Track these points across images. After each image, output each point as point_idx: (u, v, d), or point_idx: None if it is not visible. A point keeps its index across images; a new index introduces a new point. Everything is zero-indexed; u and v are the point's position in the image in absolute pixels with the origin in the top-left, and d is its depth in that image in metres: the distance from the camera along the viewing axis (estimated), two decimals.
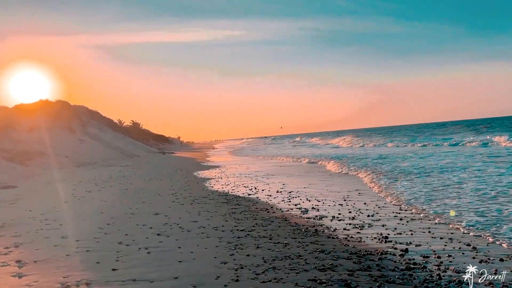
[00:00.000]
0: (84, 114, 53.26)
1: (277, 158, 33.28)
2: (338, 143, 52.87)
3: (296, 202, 11.00)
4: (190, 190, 14.08)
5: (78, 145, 36.07)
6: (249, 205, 10.76)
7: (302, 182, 15.85)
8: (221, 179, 18.26)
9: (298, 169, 22.21)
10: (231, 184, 16.11)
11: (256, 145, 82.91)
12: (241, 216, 9.13)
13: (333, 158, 26.47)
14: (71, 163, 27.25)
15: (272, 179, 17.44)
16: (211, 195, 12.83)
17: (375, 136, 68.26)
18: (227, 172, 22.16)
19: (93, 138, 43.48)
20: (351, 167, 19.56)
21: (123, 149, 44.66)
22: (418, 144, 36.30)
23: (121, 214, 9.40)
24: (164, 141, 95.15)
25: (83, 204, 11.20)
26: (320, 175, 18.10)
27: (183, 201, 11.56)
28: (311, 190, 13.36)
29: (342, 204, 10.45)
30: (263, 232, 7.43)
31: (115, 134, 55.59)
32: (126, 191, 14.13)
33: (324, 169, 21.10)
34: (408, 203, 10.04)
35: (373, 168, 18.30)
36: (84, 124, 47.97)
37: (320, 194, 12.41)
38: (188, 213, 9.56)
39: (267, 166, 25.88)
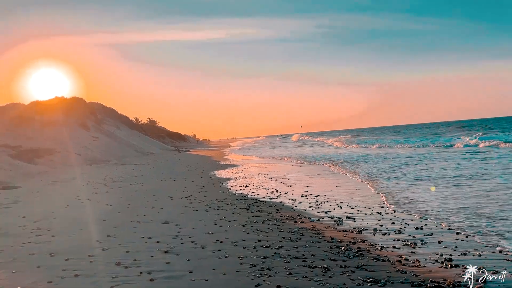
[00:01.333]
0: (100, 111, 52.66)
1: (296, 157, 31.82)
2: (355, 146, 51.07)
3: (326, 209, 9.59)
4: (205, 193, 12.79)
5: (92, 142, 35.24)
6: (272, 212, 9.39)
7: (327, 184, 14.41)
8: (239, 179, 16.94)
9: (320, 169, 20.74)
10: (250, 185, 14.77)
11: (272, 143, 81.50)
12: (265, 226, 7.77)
13: (356, 160, 24.96)
14: (83, 160, 26.31)
15: (294, 180, 16.04)
16: (228, 198, 11.50)
17: (392, 135, 66.12)
18: (245, 171, 20.84)
19: (108, 135, 42.70)
20: (378, 171, 18.02)
21: (138, 146, 43.77)
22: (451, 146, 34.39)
23: (125, 223, 8.14)
24: (180, 139, 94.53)
25: (86, 208, 10.00)
26: (345, 177, 16.62)
27: (197, 205, 10.25)
28: (339, 194, 11.92)
29: (380, 212, 8.99)
30: (294, 251, 6.05)
31: (131, 132, 54.87)
32: (135, 193, 12.92)
33: (348, 170, 19.59)
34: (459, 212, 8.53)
35: (404, 171, 16.74)
36: (99, 121, 47.28)
37: (350, 199, 10.96)
38: (202, 222, 8.24)
39: (286, 165, 24.47)
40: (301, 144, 62.84)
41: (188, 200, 11.14)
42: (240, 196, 12.11)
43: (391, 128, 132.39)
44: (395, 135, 67.13)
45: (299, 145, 57.54)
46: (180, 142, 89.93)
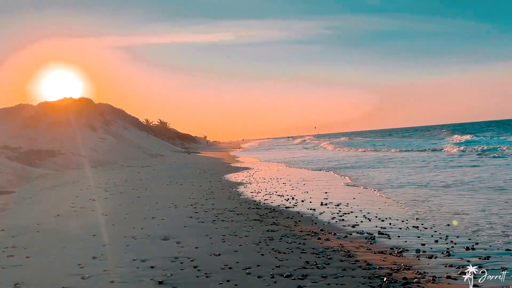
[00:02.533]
0: (108, 112, 51.85)
1: (309, 161, 30.46)
2: (364, 150, 49.46)
3: (352, 221, 8.27)
4: (214, 200, 11.55)
5: (99, 143, 34.31)
6: (290, 224, 8.10)
7: (347, 191, 13.07)
8: (250, 184, 15.66)
9: (336, 175, 19.37)
10: (262, 191, 13.50)
11: (282, 145, 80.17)
12: (283, 245, 6.49)
13: (373, 165, 23.57)
14: (88, 163, 25.28)
15: (310, 185, 14.72)
16: (239, 207, 10.23)
17: (411, 136, 64.31)
18: (256, 175, 19.56)
19: (116, 136, 41.78)
20: (392, 178, 16.61)
21: (147, 148, 42.78)
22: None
23: (118, 238, 6.92)
24: (190, 140, 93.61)
25: (78, 219, 8.82)
26: (361, 183, 15.24)
27: (203, 216, 9.00)
28: (363, 202, 10.58)
29: (417, 226, 7.64)
30: (322, 282, 4.76)
31: (140, 133, 53.96)
32: (137, 199, 11.73)
33: (367, 175, 18.19)
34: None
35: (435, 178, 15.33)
36: (108, 122, 46.42)
37: (378, 208, 9.63)
38: (208, 238, 6.98)
39: (300, 169, 23.13)
40: (302, 146, 61.43)
41: (194, 209, 9.90)
42: (252, 204, 10.84)
43: (402, 130, 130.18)
44: (405, 137, 65.28)
45: (302, 147, 56.15)
46: (190, 144, 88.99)
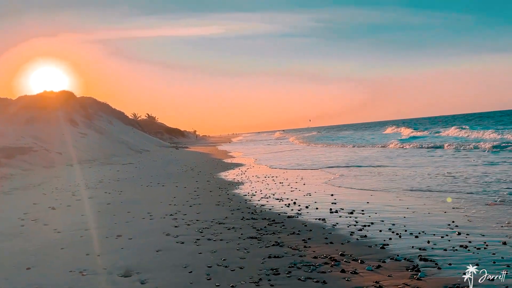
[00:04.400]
0: (91, 106, 49.35)
1: (306, 156, 28.60)
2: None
3: (378, 238, 6.36)
4: (200, 206, 9.57)
5: (79, 139, 31.99)
6: (298, 245, 6.15)
7: (358, 193, 11.18)
8: (242, 185, 13.69)
9: (340, 171, 17.49)
10: (257, 192, 11.56)
11: (273, 139, 78.29)
12: (293, 282, 4.55)
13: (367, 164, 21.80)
14: (64, 160, 23.06)
15: (310, 185, 12.81)
16: (230, 217, 8.26)
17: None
18: (249, 173, 17.60)
19: (99, 131, 39.42)
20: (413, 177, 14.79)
21: (132, 143, 40.50)
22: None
23: (59, 275, 4.92)
24: (178, 135, 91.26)
25: (18, 239, 6.78)
26: (376, 182, 13.38)
27: (184, 232, 7.01)
28: (379, 206, 8.69)
29: (466, 245, 5.75)
30: None
31: (125, 128, 51.55)
32: (106, 207, 9.69)
33: (374, 173, 16.34)
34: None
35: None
36: (90, 116, 43.98)
37: (403, 216, 7.74)
38: (187, 271, 5.00)
39: (295, 164, 21.21)
40: (278, 141, 59.60)
41: (173, 221, 7.90)
42: (246, 211, 8.88)
43: (392, 122, 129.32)
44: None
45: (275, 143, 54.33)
46: (179, 138, 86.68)
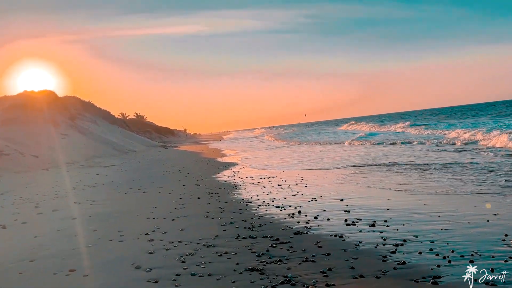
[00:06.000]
0: (75, 106, 47.23)
1: (301, 153, 26.99)
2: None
3: (421, 265, 4.73)
4: (185, 220, 7.86)
5: (59, 141, 29.98)
6: (316, 279, 4.47)
7: (371, 196, 9.56)
8: (235, 188, 11.99)
9: (345, 172, 15.88)
10: (254, 199, 9.88)
11: (262, 136, 76.60)
12: None
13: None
14: (40, 164, 21.13)
15: (313, 187, 11.17)
16: (222, 234, 6.55)
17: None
18: (242, 174, 15.91)
19: (82, 132, 37.36)
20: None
21: (117, 144, 38.50)
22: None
23: None
24: (168, 134, 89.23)
25: None
26: (386, 183, 11.78)
27: (160, 263, 5.29)
28: (404, 214, 7.07)
29: None
30: None
31: (111, 127, 49.46)
32: (70, 224, 7.94)
33: (382, 171, 14.77)
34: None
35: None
36: (73, 117, 41.86)
37: (439, 229, 6.12)
38: None
39: (292, 164, 19.57)
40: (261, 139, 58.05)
41: (148, 244, 6.18)
42: (241, 225, 7.18)
43: (375, 117, 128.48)
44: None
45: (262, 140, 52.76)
46: (169, 137, 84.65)
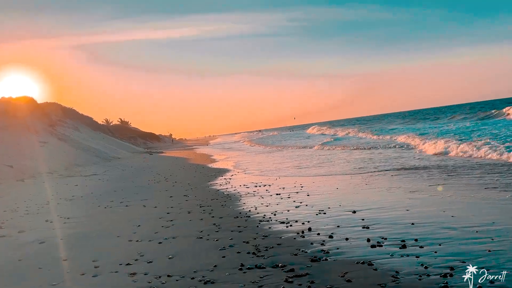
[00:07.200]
0: (56, 112, 45.42)
1: (290, 157, 25.88)
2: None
3: None
4: (174, 241, 6.59)
5: (37, 149, 28.31)
6: None
7: (386, 206, 8.41)
8: (230, 199, 10.73)
9: (345, 178, 14.76)
10: (252, 211, 8.65)
11: (256, 138, 75.47)
12: None
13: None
14: (15, 174, 19.53)
15: (316, 196, 10.00)
16: (220, 263, 5.30)
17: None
18: (234, 181, 14.67)
19: (62, 139, 35.63)
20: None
21: (100, 151, 36.85)
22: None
23: None
24: (153, 139, 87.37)
25: None
26: (397, 189, 10.67)
27: None
28: (435, 230, 5.93)
29: None
30: None
31: (94, 134, 47.70)
32: (35, 251, 6.59)
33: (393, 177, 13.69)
34: None
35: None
36: (53, 123, 40.09)
37: (486, 250, 5.02)
38: None
39: (287, 170, 18.41)
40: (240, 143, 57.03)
41: (129, 279, 4.89)
42: (243, 249, 5.94)
43: (361, 119, 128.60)
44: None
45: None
46: (154, 143, 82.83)
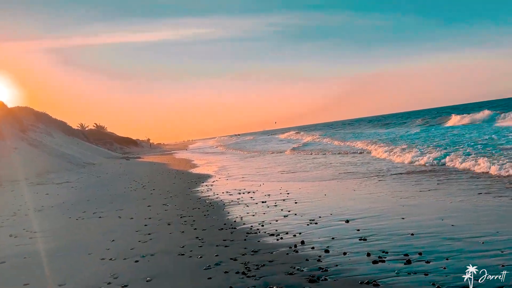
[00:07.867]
0: (27, 117, 43.60)
1: (274, 160, 25.34)
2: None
3: None
4: (152, 259, 5.85)
5: (6, 155, 26.86)
6: None
7: (384, 215, 7.88)
8: (212, 208, 10.02)
9: (329, 184, 14.24)
10: (238, 221, 7.99)
11: (230, 143, 74.74)
12: None
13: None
14: None
15: (304, 204, 9.42)
16: (208, 286, 4.63)
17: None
18: (216, 188, 13.95)
19: (34, 145, 34.07)
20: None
21: (74, 156, 35.40)
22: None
23: None
24: (131, 144, 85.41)
25: None
26: (386, 195, 10.19)
27: None
28: (437, 242, 5.41)
29: None
30: None
31: (68, 139, 46.01)
32: None
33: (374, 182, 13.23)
34: None
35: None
36: (24, 128, 38.39)
37: (499, 265, 4.52)
38: None
39: (270, 175, 17.80)
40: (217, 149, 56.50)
41: None
42: (231, 267, 5.26)
43: (339, 123, 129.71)
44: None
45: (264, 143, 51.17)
46: (131, 148, 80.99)
